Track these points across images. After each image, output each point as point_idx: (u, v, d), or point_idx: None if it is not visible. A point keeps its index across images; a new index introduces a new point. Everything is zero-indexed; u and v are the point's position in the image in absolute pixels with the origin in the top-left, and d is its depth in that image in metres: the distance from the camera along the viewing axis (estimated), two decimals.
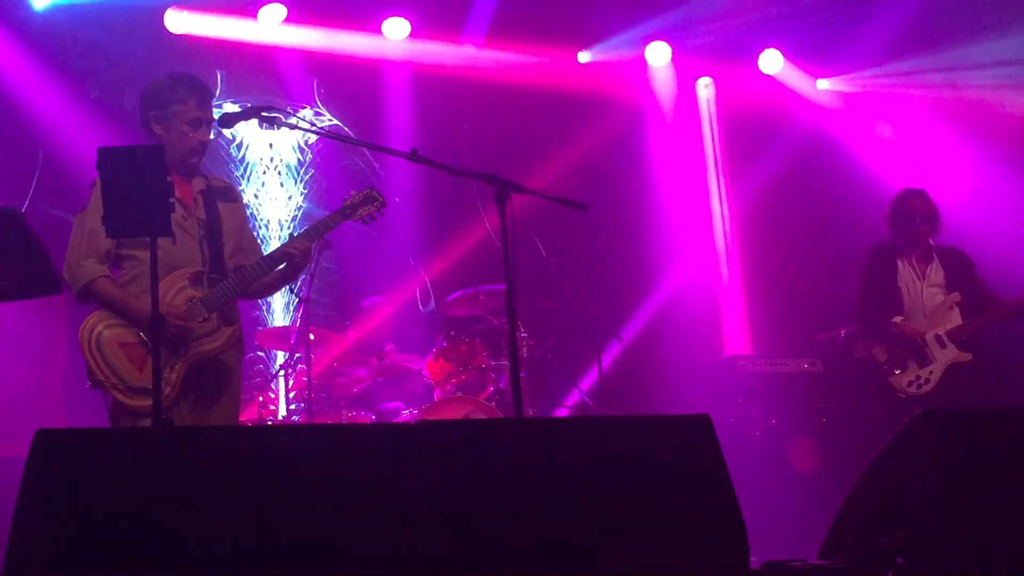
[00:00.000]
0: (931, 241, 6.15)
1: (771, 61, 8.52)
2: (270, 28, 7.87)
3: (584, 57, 8.45)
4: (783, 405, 7.21)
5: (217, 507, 2.78)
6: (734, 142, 8.72)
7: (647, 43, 8.49)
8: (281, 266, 4.51)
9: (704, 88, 8.84)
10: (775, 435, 7.16)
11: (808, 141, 8.42)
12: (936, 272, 6.10)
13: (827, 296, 7.59)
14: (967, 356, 5.94)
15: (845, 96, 8.58)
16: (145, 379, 4.10)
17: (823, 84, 8.66)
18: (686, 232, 8.61)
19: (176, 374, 4.22)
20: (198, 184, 4.53)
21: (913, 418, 3.39)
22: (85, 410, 6.84)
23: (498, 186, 4.07)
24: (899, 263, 6.11)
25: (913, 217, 6.10)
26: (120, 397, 4.17)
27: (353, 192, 4.69)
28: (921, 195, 6.18)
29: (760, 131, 8.57)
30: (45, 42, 7.37)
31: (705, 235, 8.68)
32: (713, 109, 8.82)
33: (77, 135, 7.18)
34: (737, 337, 8.41)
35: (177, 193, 4.33)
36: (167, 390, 4.14)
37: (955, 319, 6.02)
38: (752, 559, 3.28)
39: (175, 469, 2.82)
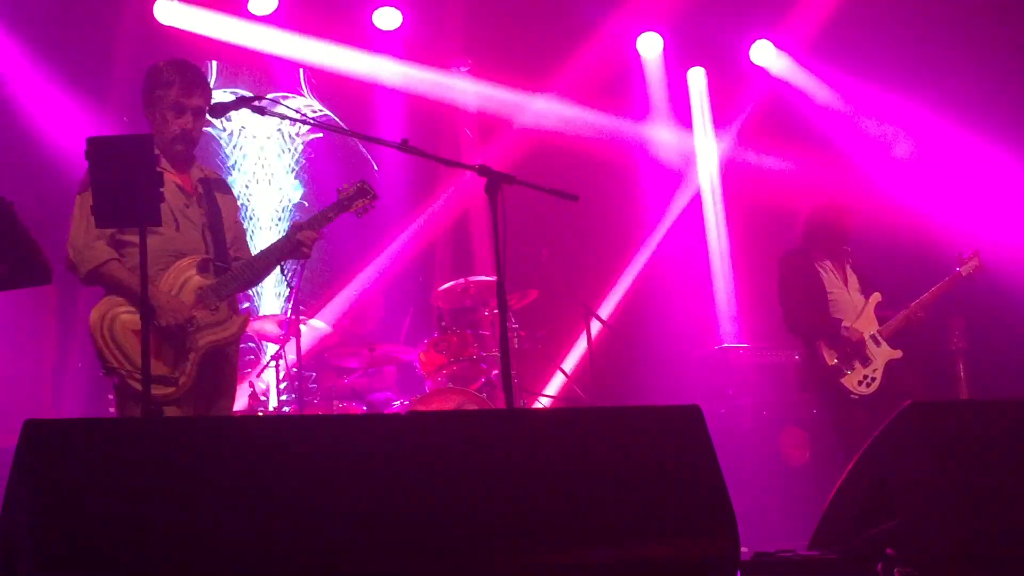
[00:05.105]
0: (846, 248, 6.44)
1: (763, 53, 8.52)
2: (258, 24, 7.84)
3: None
4: (774, 396, 7.22)
5: (206, 498, 2.78)
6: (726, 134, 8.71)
7: (639, 34, 8.49)
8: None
9: (696, 79, 8.80)
10: (766, 426, 7.18)
11: (804, 131, 8.42)
12: (852, 276, 6.37)
13: None
14: (899, 353, 6.21)
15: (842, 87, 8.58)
16: (160, 367, 4.08)
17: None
18: (677, 222, 8.60)
19: (191, 364, 4.18)
20: (196, 173, 4.49)
21: (902, 409, 3.40)
22: (75, 400, 6.86)
23: (489, 177, 4.05)
24: (819, 269, 6.34)
25: (833, 229, 6.37)
26: (136, 385, 4.03)
27: (345, 185, 4.68)
28: (840, 208, 6.46)
29: (753, 122, 8.57)
30: (35, 32, 7.33)
31: (696, 225, 8.67)
32: (706, 101, 8.80)
33: (68, 126, 7.15)
34: (728, 328, 8.41)
35: (178, 180, 4.34)
36: (183, 379, 4.12)
37: (875, 320, 6.28)
38: (743, 550, 3.29)
39: (165, 460, 2.81)
